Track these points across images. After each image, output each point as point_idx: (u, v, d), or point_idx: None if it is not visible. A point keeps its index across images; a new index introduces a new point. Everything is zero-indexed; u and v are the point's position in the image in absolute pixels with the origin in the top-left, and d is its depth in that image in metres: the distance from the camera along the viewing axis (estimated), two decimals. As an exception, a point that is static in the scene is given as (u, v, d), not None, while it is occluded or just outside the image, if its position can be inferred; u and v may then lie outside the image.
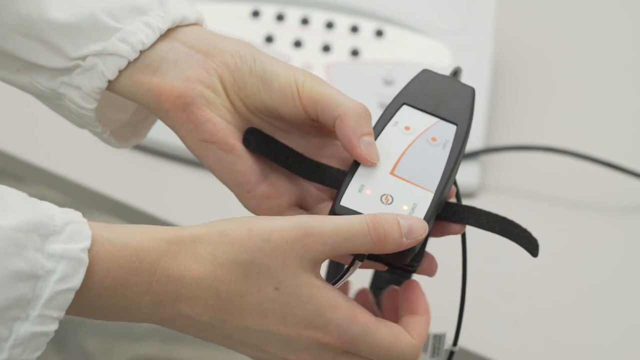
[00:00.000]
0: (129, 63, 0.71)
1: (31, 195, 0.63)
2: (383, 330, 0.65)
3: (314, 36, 1.15)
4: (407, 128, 0.71)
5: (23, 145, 1.13)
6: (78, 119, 0.75)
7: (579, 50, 1.27)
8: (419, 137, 0.70)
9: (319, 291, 0.63)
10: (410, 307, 0.69)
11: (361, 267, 0.67)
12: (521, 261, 1.05)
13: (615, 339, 0.98)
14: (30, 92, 0.76)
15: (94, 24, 0.71)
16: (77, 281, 0.60)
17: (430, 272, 0.71)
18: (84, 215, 0.63)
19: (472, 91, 0.73)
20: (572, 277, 1.03)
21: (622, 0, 1.34)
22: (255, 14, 1.16)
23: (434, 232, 0.71)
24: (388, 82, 1.11)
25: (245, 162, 0.71)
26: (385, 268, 0.69)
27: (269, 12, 1.16)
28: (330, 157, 0.73)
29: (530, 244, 0.70)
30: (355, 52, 1.14)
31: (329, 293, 0.64)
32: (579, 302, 1.01)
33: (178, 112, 0.71)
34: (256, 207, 0.72)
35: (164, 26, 0.72)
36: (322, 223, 0.64)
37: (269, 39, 1.14)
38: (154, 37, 0.71)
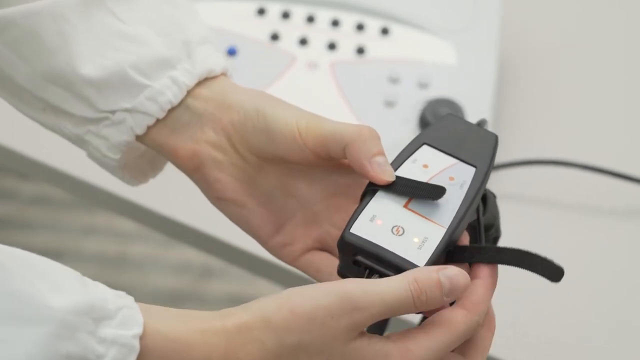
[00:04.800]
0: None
1: (35, 192, 0.63)
2: (435, 331, 0.63)
3: (319, 34, 1.15)
4: (425, 166, 0.70)
5: (26, 141, 1.13)
6: (100, 164, 0.78)
7: (585, 50, 1.26)
8: (436, 175, 0.69)
9: (367, 349, 0.62)
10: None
11: None
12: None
13: (619, 339, 0.98)
14: (56, 132, 0.78)
15: (123, 80, 0.73)
16: None
17: None
18: (87, 211, 0.63)
19: (495, 138, 0.72)
20: (578, 279, 1.03)
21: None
22: (261, 11, 1.16)
23: None
24: (393, 81, 1.11)
25: (257, 216, 0.74)
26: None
27: (274, 10, 1.16)
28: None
29: (550, 270, 0.68)
30: (360, 50, 1.13)
31: (376, 346, 0.62)
32: (584, 303, 1.01)
33: (192, 172, 0.75)
34: (275, 254, 0.75)
35: (191, 83, 0.74)
36: (366, 295, 0.62)
37: (274, 37, 1.14)
38: (181, 96, 0.74)
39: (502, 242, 0.84)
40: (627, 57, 1.26)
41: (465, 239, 0.71)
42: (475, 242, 0.72)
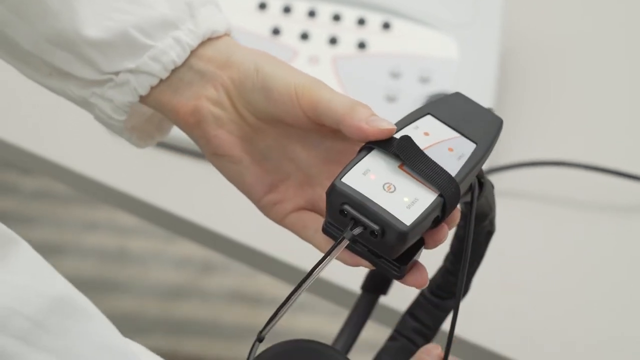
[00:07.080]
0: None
1: (36, 187, 0.63)
2: None
3: (320, 29, 1.15)
4: (426, 134, 0.70)
5: (28, 136, 1.13)
6: (106, 126, 0.78)
7: (587, 47, 1.26)
8: (436, 144, 0.69)
9: None
10: None
11: (348, 263, 0.68)
12: (525, 253, 1.05)
13: (622, 337, 0.98)
14: (62, 96, 0.78)
15: (126, 41, 0.74)
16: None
17: (420, 284, 0.70)
18: (88, 206, 0.63)
19: (500, 121, 0.72)
20: (581, 277, 1.03)
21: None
22: (262, 6, 1.16)
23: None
24: (395, 75, 1.11)
25: (252, 173, 0.74)
26: (371, 266, 0.68)
27: (275, 4, 1.16)
28: None
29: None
30: (362, 45, 1.13)
31: None
32: (587, 301, 1.01)
33: (193, 128, 0.75)
34: (265, 212, 0.75)
35: (194, 43, 0.75)
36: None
37: (276, 32, 1.14)
38: (184, 56, 0.74)
39: (505, 242, 0.83)
40: (630, 54, 1.26)
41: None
42: (465, 227, 0.71)
